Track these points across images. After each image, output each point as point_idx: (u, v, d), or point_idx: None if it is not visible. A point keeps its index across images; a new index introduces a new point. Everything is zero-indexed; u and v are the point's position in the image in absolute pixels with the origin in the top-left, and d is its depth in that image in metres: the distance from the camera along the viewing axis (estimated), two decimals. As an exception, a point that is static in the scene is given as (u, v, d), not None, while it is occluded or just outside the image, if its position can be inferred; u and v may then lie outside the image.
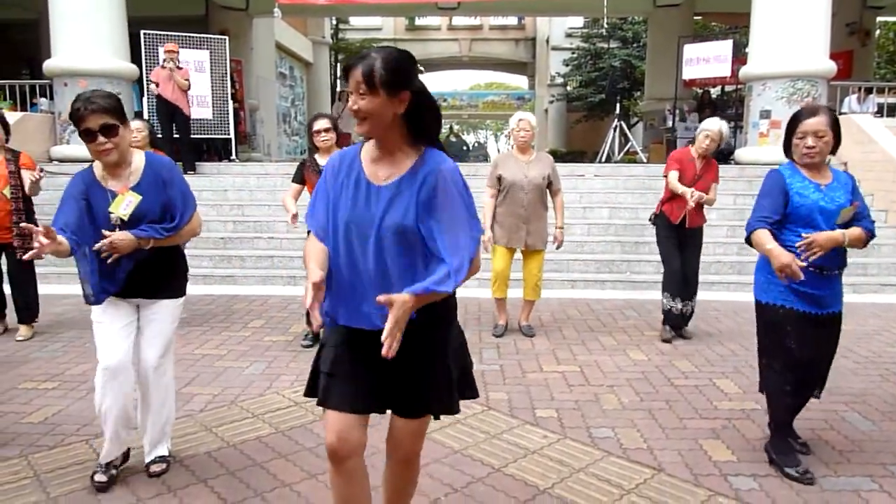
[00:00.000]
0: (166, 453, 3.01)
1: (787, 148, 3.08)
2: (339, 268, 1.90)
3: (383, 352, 1.69)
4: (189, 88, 9.72)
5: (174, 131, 9.72)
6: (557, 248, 5.29)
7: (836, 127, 2.96)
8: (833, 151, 3.03)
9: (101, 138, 2.61)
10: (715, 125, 4.96)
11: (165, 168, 2.83)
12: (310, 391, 2.05)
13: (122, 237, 2.63)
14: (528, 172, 5.07)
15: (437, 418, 2.07)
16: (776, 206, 2.94)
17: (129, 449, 3.00)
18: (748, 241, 3.01)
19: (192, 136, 10.20)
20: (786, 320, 2.99)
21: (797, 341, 2.97)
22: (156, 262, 2.78)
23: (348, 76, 1.82)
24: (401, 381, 1.94)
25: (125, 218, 2.67)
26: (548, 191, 5.20)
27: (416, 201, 1.84)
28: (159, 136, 9.68)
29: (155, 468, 2.93)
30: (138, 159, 2.80)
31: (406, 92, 1.82)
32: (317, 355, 2.04)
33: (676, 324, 5.22)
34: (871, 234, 3.03)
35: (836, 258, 2.95)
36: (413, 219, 1.83)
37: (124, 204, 2.67)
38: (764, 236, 2.91)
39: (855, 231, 2.95)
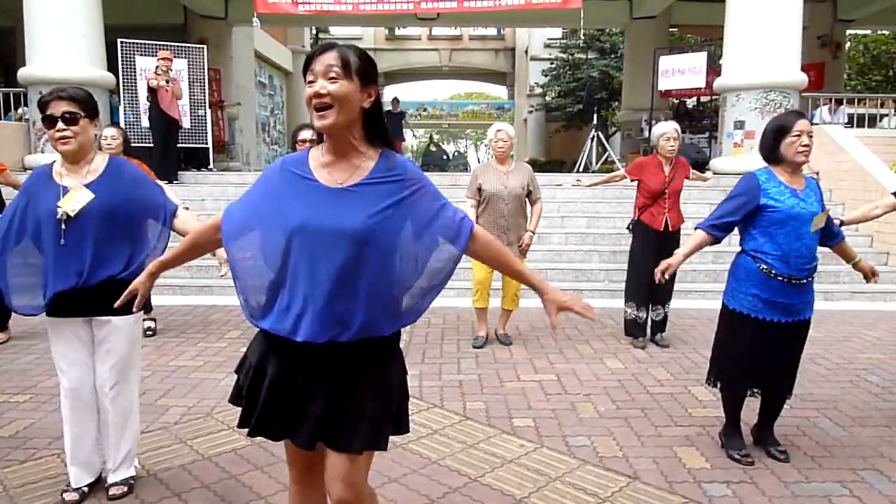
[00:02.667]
0: (130, 475, 2.88)
1: (770, 152, 3.13)
2: (292, 277, 1.73)
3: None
4: (181, 97, 9.72)
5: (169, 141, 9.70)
6: (522, 250, 5.16)
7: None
8: None
9: (61, 125, 2.58)
10: (669, 125, 5.16)
11: (128, 170, 2.75)
12: (243, 422, 1.87)
13: (136, 283, 2.20)
14: (508, 183, 5.10)
15: (359, 453, 1.81)
16: (737, 209, 3.10)
17: (101, 473, 2.91)
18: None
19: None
20: (748, 328, 3.12)
21: (755, 347, 3.11)
22: (112, 277, 2.65)
23: (308, 64, 1.70)
24: (329, 410, 1.77)
25: (72, 214, 2.59)
26: (527, 199, 5.23)
27: (393, 206, 1.74)
28: (149, 145, 9.66)
29: (115, 490, 2.81)
30: (100, 160, 2.73)
31: (373, 87, 1.75)
32: (249, 379, 1.84)
33: (638, 332, 5.31)
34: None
35: (804, 268, 3.03)
36: (376, 219, 1.71)
37: (74, 200, 2.61)
38: (693, 238, 3.19)
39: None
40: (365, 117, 1.76)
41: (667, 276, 3.14)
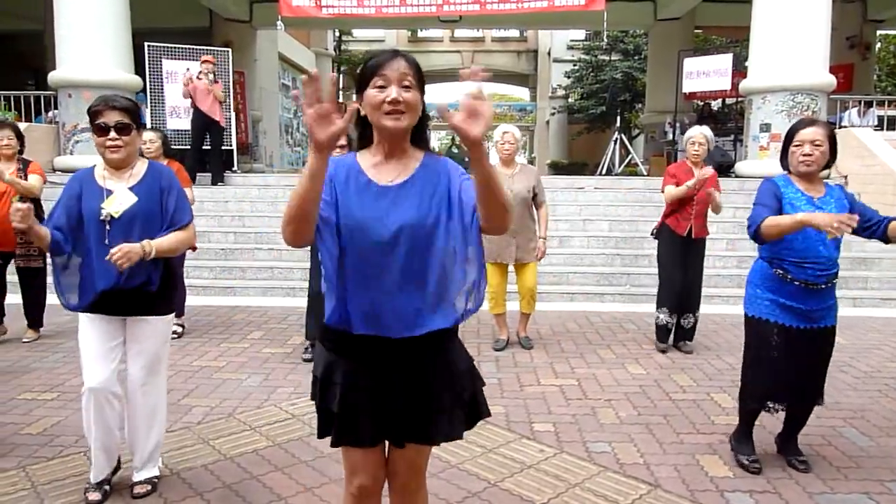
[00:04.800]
0: (155, 474, 2.94)
1: (784, 158, 3.14)
2: (349, 275, 1.76)
3: None
4: (224, 101, 9.82)
5: (207, 143, 9.83)
6: (539, 259, 5.19)
7: (832, 139, 3.02)
8: (828, 165, 3.07)
9: (114, 134, 2.68)
10: (696, 130, 5.10)
11: (165, 177, 2.84)
12: (324, 430, 1.90)
13: (127, 246, 2.57)
14: (513, 186, 5.03)
15: (437, 443, 1.92)
16: (772, 208, 3.00)
17: (119, 459, 2.97)
18: (757, 236, 2.98)
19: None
20: (770, 333, 3.09)
21: (780, 354, 3.07)
22: (147, 282, 2.74)
23: (379, 69, 1.73)
24: (406, 406, 1.83)
25: (116, 215, 2.67)
26: (533, 203, 5.16)
27: (438, 193, 1.79)
28: (188, 146, 9.83)
29: (139, 489, 2.87)
30: (140, 165, 2.83)
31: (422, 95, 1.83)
32: (318, 394, 1.88)
33: (667, 338, 5.27)
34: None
35: (823, 273, 3.00)
36: (426, 212, 1.76)
37: (118, 202, 2.69)
38: (775, 218, 2.91)
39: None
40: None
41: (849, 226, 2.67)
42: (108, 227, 2.68)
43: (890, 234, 2.98)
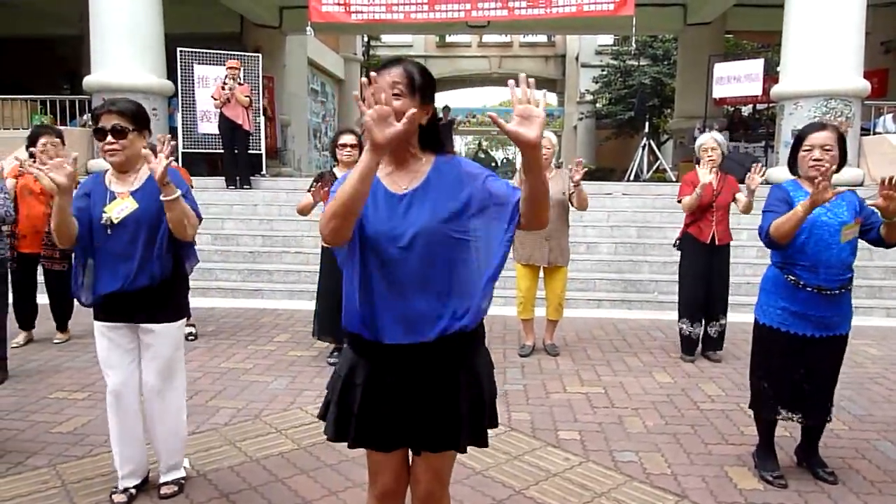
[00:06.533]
0: (181, 475, 2.98)
1: (793, 163, 3.09)
2: (369, 283, 1.77)
3: None
4: (250, 105, 9.92)
5: (234, 147, 9.93)
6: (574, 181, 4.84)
7: (842, 143, 2.99)
8: (838, 169, 3.01)
9: (110, 138, 2.66)
10: (705, 137, 5.06)
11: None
12: (339, 434, 1.89)
13: (164, 164, 2.58)
14: (549, 189, 5.02)
15: (463, 451, 1.90)
16: (780, 214, 2.96)
17: (148, 472, 3.00)
18: (769, 240, 2.98)
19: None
20: (781, 343, 3.04)
21: (787, 363, 3.03)
22: (151, 285, 2.73)
23: (372, 78, 1.72)
24: (426, 412, 1.82)
25: (115, 221, 2.68)
26: (570, 205, 5.13)
27: (456, 194, 1.78)
28: (205, 151, 9.90)
29: (165, 490, 2.90)
30: (145, 170, 2.78)
31: (430, 105, 1.82)
32: (339, 392, 1.88)
33: (693, 348, 5.19)
34: None
35: (836, 279, 2.95)
36: (442, 216, 1.76)
37: (119, 208, 2.70)
38: (781, 218, 2.90)
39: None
40: (422, 130, 1.82)
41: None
42: (109, 231, 2.69)
43: (882, 234, 2.96)
